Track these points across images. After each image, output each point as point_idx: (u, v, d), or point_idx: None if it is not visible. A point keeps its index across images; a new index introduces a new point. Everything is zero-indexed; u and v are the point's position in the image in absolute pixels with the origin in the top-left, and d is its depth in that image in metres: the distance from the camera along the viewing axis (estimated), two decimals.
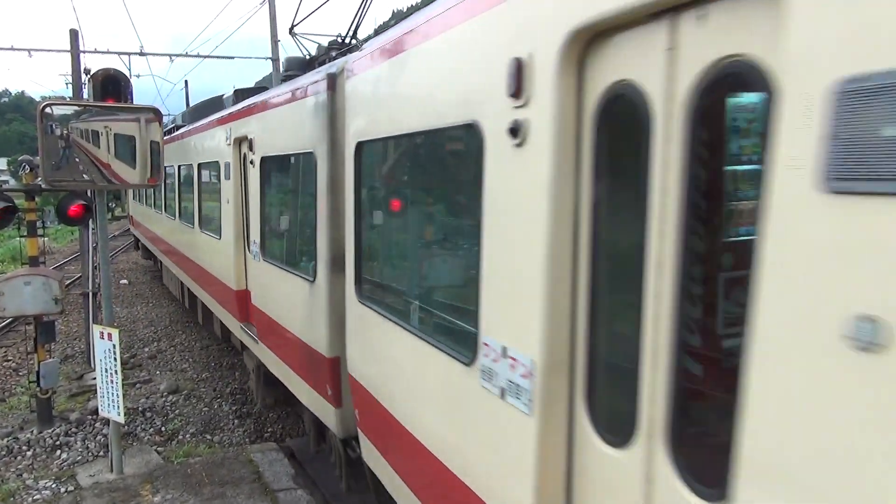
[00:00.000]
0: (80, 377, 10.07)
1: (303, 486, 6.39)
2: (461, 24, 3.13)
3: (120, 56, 23.06)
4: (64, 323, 13.55)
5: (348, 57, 5.03)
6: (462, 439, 3.18)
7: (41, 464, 7.08)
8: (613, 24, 2.20)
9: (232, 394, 9.42)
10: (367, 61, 4.36)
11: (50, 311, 7.49)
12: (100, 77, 6.35)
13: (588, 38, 2.34)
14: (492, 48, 2.83)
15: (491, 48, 2.84)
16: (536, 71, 2.52)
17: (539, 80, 2.50)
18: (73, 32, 12.80)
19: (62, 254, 26.77)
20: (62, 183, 6.27)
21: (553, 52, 2.41)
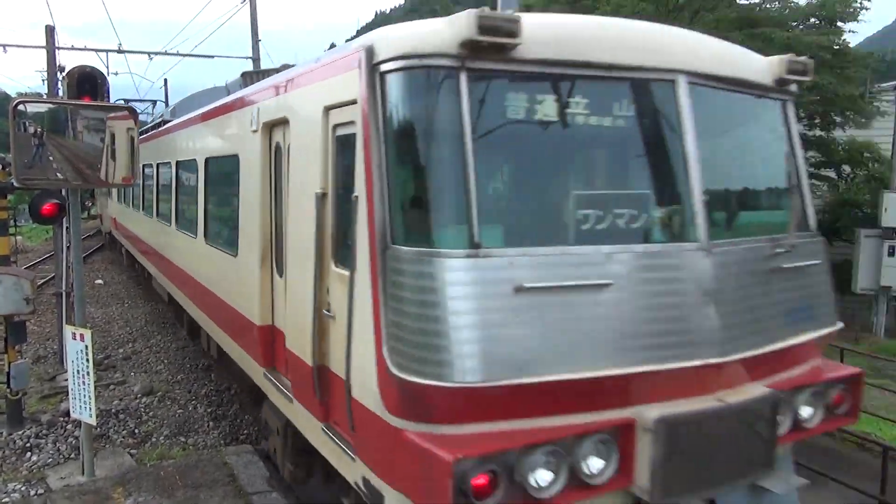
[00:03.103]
0: (52, 378, 9.92)
1: (278, 490, 6.34)
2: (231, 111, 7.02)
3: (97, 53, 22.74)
4: (36, 323, 13.33)
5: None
6: (234, 288, 6.68)
7: (10, 466, 6.97)
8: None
9: (207, 396, 9.34)
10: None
11: (21, 311, 7.38)
12: (76, 75, 6.28)
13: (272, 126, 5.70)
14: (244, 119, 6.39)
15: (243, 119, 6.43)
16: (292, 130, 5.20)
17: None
18: (49, 28, 12.65)
19: (36, 252, 26.34)
20: (35, 181, 6.17)
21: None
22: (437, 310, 3.30)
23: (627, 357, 3.50)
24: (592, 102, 3.80)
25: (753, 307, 4.01)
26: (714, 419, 3.65)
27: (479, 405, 3.35)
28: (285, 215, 5.24)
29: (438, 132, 3.60)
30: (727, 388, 3.80)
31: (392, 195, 3.59)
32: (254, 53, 22.58)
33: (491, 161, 3.77)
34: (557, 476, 3.34)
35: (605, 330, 3.50)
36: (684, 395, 3.66)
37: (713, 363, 3.65)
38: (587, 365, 3.42)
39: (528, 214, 3.90)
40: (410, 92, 3.67)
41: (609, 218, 3.75)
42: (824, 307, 4.59)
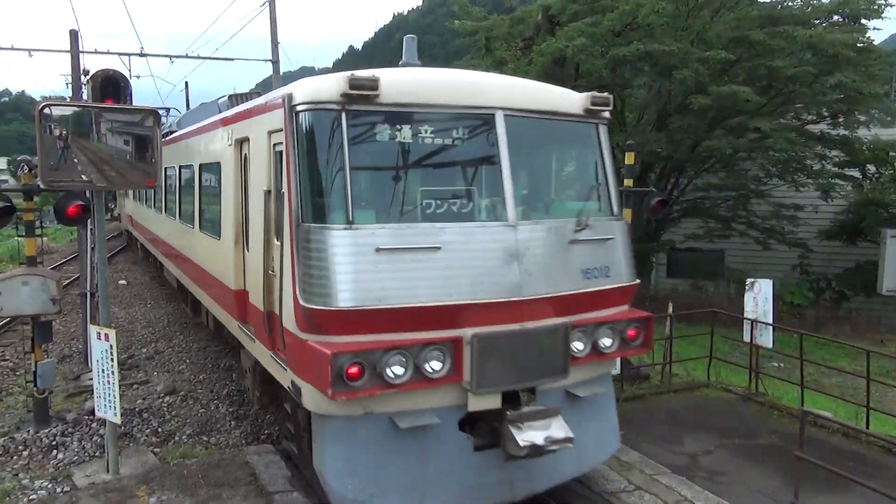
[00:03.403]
0: (77, 377, 10.06)
1: (299, 489, 6.37)
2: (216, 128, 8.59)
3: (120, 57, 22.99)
4: (62, 323, 13.54)
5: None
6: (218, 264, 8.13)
7: (37, 464, 7.08)
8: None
9: (229, 395, 9.42)
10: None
11: (47, 311, 7.49)
12: (99, 78, 6.36)
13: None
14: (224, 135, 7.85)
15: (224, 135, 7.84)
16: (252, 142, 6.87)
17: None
18: (73, 33, 12.82)
19: (61, 253, 26.73)
20: (60, 183, 6.25)
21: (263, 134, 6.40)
22: (326, 262, 5.09)
23: (455, 294, 5.26)
24: (435, 130, 5.67)
25: (550, 265, 5.71)
26: (514, 338, 5.40)
27: (352, 322, 5.07)
28: (248, 207, 7.10)
29: (328, 151, 5.38)
30: (530, 319, 5.48)
31: (302, 191, 5.37)
32: (273, 56, 22.74)
33: (366, 168, 5.69)
34: (406, 371, 5.12)
35: (438, 276, 5.26)
36: (497, 321, 5.35)
37: (513, 300, 5.40)
38: (426, 299, 5.17)
39: (389, 203, 5.62)
40: (312, 124, 5.45)
41: (446, 205, 5.62)
42: (619, 268, 6.25)
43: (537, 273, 5.59)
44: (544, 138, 6.54)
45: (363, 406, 5.27)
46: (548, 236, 5.79)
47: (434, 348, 5.21)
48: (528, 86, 6.51)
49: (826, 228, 19.32)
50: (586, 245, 6.00)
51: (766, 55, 15.86)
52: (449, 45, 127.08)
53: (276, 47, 22.63)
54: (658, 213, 9.84)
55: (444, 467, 5.46)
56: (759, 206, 19.27)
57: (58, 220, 7.87)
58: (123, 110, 6.37)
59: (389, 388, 5.10)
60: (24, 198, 8.08)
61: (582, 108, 6.36)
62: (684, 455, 7.61)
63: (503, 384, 5.50)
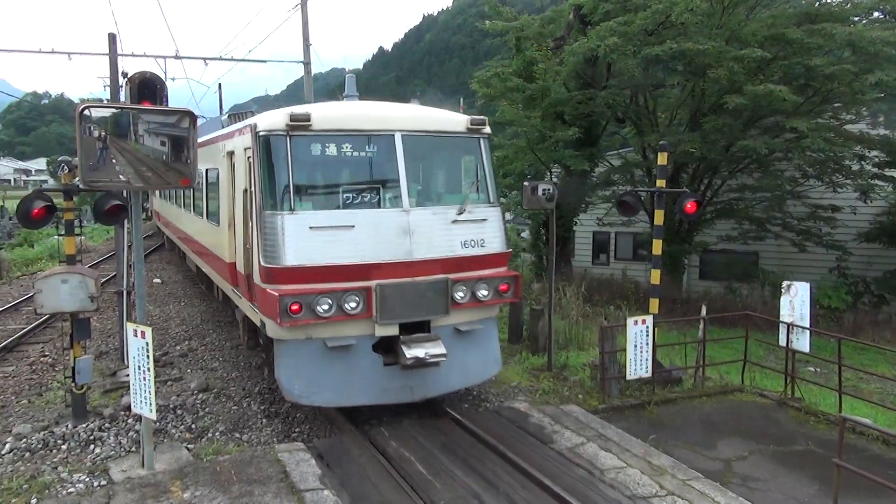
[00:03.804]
0: (113, 374, 10.25)
1: (329, 487, 6.42)
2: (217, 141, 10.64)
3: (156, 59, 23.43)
4: (98, 320, 13.82)
5: None
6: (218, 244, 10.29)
7: (75, 458, 7.22)
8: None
9: (260, 393, 9.52)
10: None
11: (86, 308, 7.64)
12: (136, 80, 6.48)
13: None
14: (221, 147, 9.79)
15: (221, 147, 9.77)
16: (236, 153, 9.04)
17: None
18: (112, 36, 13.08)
19: (98, 252, 27.33)
20: (99, 183, 6.39)
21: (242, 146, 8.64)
22: (277, 236, 7.46)
23: (364, 257, 7.58)
24: (354, 146, 8.02)
25: (435, 238, 8.00)
26: (406, 287, 7.74)
27: (294, 275, 7.40)
28: (235, 201, 9.22)
29: (279, 162, 7.71)
30: (420, 275, 7.82)
31: (263, 189, 7.72)
32: (305, 58, 22.96)
33: (302, 174, 7.85)
34: (332, 308, 7.42)
35: (352, 245, 7.59)
36: (395, 276, 7.69)
37: (405, 261, 7.73)
38: (344, 260, 7.51)
39: (320, 197, 8.10)
40: (268, 144, 7.82)
41: (360, 197, 7.99)
42: (493, 240, 8.48)
43: (425, 243, 7.94)
44: (435, 150, 8.94)
45: (304, 333, 7.61)
46: (433, 218, 8.15)
47: (351, 293, 7.55)
48: (421, 113, 8.94)
49: (865, 230, 18.86)
50: (465, 224, 8.31)
51: (804, 53, 15.53)
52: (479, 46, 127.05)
53: (307, 49, 22.85)
54: (691, 214, 9.68)
55: (362, 376, 7.79)
56: (796, 208, 18.88)
57: (96, 219, 8.04)
58: (160, 112, 6.49)
59: (320, 320, 7.46)
60: (64, 197, 8.27)
61: (465, 127, 8.67)
62: (718, 460, 7.49)
63: (399, 318, 7.79)
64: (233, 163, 9.32)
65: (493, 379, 9.51)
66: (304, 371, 7.68)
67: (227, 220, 9.71)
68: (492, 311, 8.76)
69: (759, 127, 17.28)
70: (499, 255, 8.58)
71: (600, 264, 25.25)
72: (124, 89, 7.04)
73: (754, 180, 18.47)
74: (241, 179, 8.71)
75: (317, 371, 7.69)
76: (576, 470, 6.96)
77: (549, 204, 10.26)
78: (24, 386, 10.02)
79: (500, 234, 8.63)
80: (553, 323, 10.73)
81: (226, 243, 9.79)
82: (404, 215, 7.89)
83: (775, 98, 14.59)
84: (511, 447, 7.32)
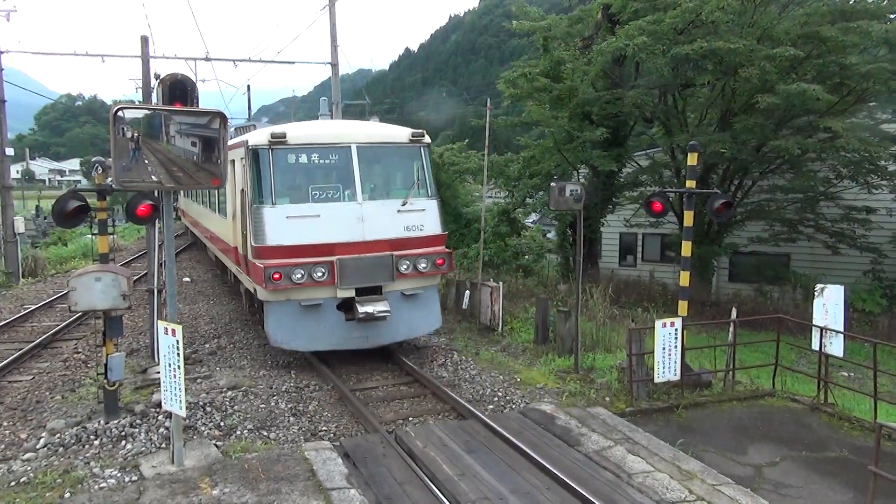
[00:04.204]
0: (144, 371, 10.42)
1: (355, 486, 6.44)
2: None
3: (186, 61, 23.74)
4: (129, 318, 14.05)
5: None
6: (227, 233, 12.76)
7: (107, 453, 7.34)
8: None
9: (287, 392, 9.59)
10: None
11: (118, 306, 7.76)
12: (168, 82, 6.56)
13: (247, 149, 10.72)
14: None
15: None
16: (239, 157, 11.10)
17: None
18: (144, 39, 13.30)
19: (129, 251, 27.79)
20: (132, 183, 6.49)
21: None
22: (262, 223, 9.86)
23: (328, 238, 9.98)
24: (320, 156, 10.41)
25: (383, 223, 10.33)
26: (360, 260, 10.10)
27: (275, 253, 9.81)
28: (236, 198, 11.54)
29: (263, 168, 10.09)
30: (371, 251, 10.18)
31: (252, 189, 10.09)
32: (332, 59, 23.10)
33: (281, 177, 10.20)
34: (304, 277, 9.81)
35: (319, 229, 9.97)
36: (352, 253, 10.06)
37: (359, 241, 10.10)
38: (312, 240, 9.92)
39: (295, 194, 10.34)
40: (256, 155, 10.21)
41: (325, 193, 10.35)
42: (431, 225, 10.83)
43: (375, 228, 10.33)
44: (384, 156, 11.29)
45: (284, 296, 10.08)
46: (382, 208, 10.55)
47: (318, 266, 9.99)
48: (373, 128, 11.81)
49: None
50: (408, 213, 10.68)
51: (838, 51, 15.22)
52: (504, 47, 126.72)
53: (335, 50, 23.00)
54: (722, 215, 9.52)
55: (328, 328, 10.32)
56: (829, 209, 18.51)
57: (128, 218, 8.19)
58: (191, 113, 6.57)
59: (295, 285, 9.92)
60: (97, 197, 8.42)
61: (408, 138, 11.13)
62: (748, 466, 7.37)
63: (355, 284, 10.24)
64: (234, 169, 11.39)
65: (516, 380, 9.76)
66: (285, 324, 10.20)
67: (232, 213, 12.11)
68: (432, 280, 11.12)
69: (791, 127, 16.97)
70: (436, 236, 10.99)
71: (627, 266, 25.02)
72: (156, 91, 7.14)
73: (786, 181, 18.15)
74: (240, 181, 11.07)
75: (294, 324, 10.20)
76: (603, 473, 6.90)
77: (576, 205, 10.18)
78: (57, 382, 10.22)
79: (437, 220, 11.01)
80: (580, 324, 10.65)
81: (231, 231, 12.36)
82: (358, 207, 10.35)
83: (808, 97, 14.32)
84: (537, 449, 7.27)
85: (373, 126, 12.18)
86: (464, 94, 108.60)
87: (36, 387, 10.00)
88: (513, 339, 12.67)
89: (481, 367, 10.83)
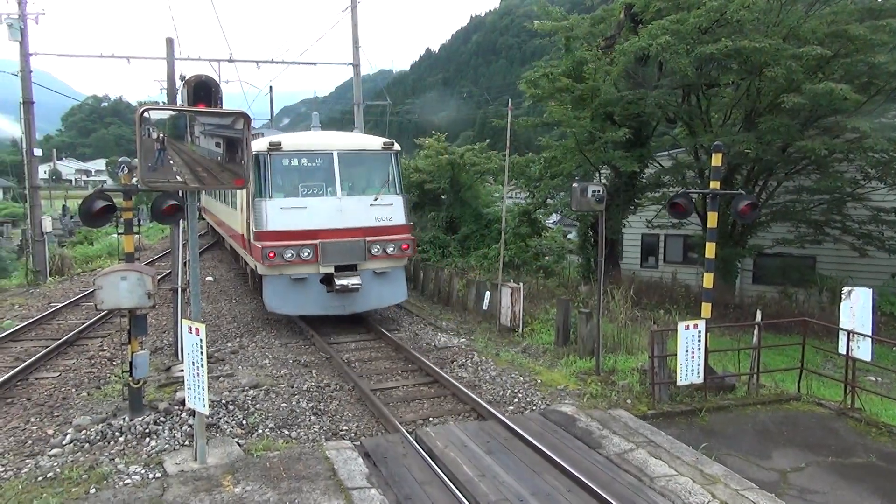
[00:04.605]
0: (167, 369, 10.54)
1: (376, 486, 6.46)
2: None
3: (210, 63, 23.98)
4: (153, 316, 14.24)
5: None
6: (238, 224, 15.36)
7: (131, 450, 7.43)
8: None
9: (308, 391, 9.64)
10: None
11: (143, 305, 7.85)
12: (192, 83, 6.63)
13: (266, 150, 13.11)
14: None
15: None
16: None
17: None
18: (169, 41, 13.44)
19: (153, 250, 28.15)
20: (157, 183, 6.57)
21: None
22: (261, 213, 12.55)
23: (313, 225, 12.58)
24: (308, 160, 13.33)
25: (358, 214, 12.96)
26: (338, 244, 12.68)
27: (271, 236, 12.43)
28: (244, 194, 13.79)
29: (262, 169, 12.71)
30: (348, 237, 12.79)
31: (255, 186, 12.68)
32: (354, 60, 23.21)
33: (276, 177, 12.93)
34: (294, 256, 12.34)
35: (306, 218, 12.59)
36: (332, 237, 12.63)
37: (338, 228, 12.71)
38: (300, 227, 12.51)
39: (288, 190, 12.91)
40: (257, 159, 12.65)
41: (311, 190, 13.00)
42: (397, 217, 13.33)
43: (351, 217, 12.87)
44: (360, 161, 13.76)
45: (278, 271, 12.47)
46: (357, 203, 13.07)
47: (305, 247, 12.36)
48: (352, 138, 14.99)
49: None
50: (379, 206, 13.19)
51: (867, 50, 14.95)
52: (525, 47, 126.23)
53: (357, 51, 23.10)
54: (747, 216, 9.40)
55: (312, 297, 12.70)
56: (856, 210, 18.19)
57: (153, 218, 8.27)
58: (215, 114, 6.64)
59: (287, 262, 12.28)
60: (123, 197, 8.53)
61: (380, 146, 13.78)
62: (773, 471, 7.26)
63: (334, 262, 12.66)
64: None
65: (536, 382, 9.52)
66: (278, 294, 12.69)
67: (240, 206, 14.84)
68: (399, 261, 13.59)
69: (817, 127, 16.71)
70: (402, 226, 13.50)
71: (649, 267, 24.81)
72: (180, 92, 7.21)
73: (812, 182, 17.86)
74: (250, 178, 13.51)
75: (285, 294, 12.67)
76: (624, 476, 6.85)
77: (598, 206, 10.12)
78: (83, 379, 10.37)
79: (402, 213, 13.55)
80: (601, 326, 10.58)
81: (239, 221, 15.06)
82: (338, 201, 12.94)
83: (836, 97, 14.08)
84: (558, 451, 7.24)
85: (352, 136, 15.66)
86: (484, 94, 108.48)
87: (62, 383, 10.16)
88: (533, 341, 12.63)
89: (501, 368, 10.81)
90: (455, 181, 25.26)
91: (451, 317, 15.41)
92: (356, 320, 13.86)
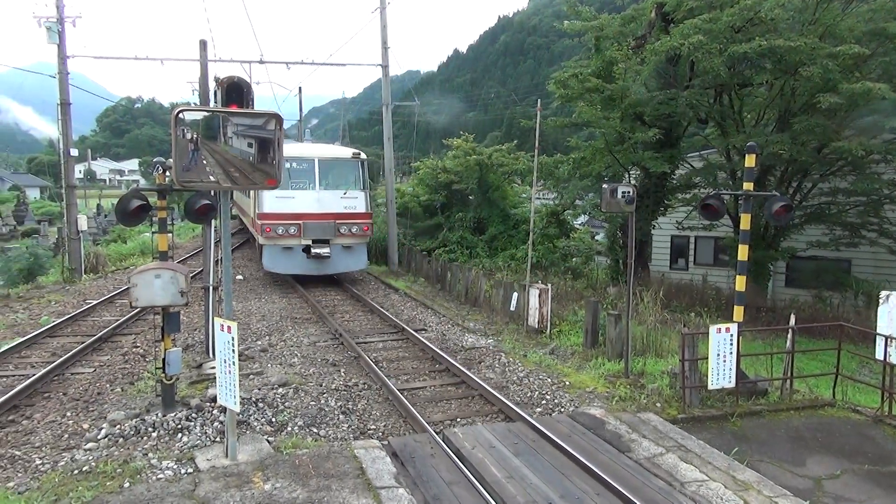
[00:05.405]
0: (199, 366, 10.69)
1: (404, 486, 6.47)
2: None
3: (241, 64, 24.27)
4: (185, 314, 14.45)
5: None
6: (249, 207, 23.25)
7: (164, 445, 7.56)
8: None
9: (337, 390, 9.71)
10: None
11: (177, 303, 7.97)
12: (224, 84, 6.73)
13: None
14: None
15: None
16: None
17: None
18: (203, 43, 13.62)
19: (185, 249, 28.58)
20: (191, 183, 6.66)
21: None
22: (262, 201, 18.60)
23: (299, 210, 18.48)
24: (297, 163, 19.02)
25: (331, 204, 18.81)
26: (316, 224, 18.57)
27: (269, 217, 18.35)
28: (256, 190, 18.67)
29: None
30: (323, 220, 18.63)
31: None
32: (383, 61, 23.30)
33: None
34: (284, 231, 18.34)
35: (293, 205, 18.48)
36: (312, 219, 18.54)
37: (316, 212, 18.59)
38: (290, 211, 18.42)
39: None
40: None
41: (298, 185, 18.91)
42: (360, 206, 19.17)
43: (326, 205, 18.56)
44: (335, 166, 19.59)
45: (273, 242, 18.16)
46: (331, 195, 18.74)
47: (292, 225, 18.15)
48: (330, 149, 22.13)
49: None
50: (347, 199, 18.86)
51: None
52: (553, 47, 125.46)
53: (385, 52, 23.19)
54: (781, 218, 9.22)
55: (296, 261, 18.50)
56: (893, 213, 17.77)
57: (187, 217, 8.39)
58: (247, 115, 6.72)
59: (279, 236, 18.12)
60: (158, 197, 8.68)
61: (350, 155, 19.94)
62: (807, 478, 7.12)
63: (312, 237, 18.36)
64: None
65: (565, 384, 9.49)
66: (273, 258, 18.29)
67: (252, 197, 20.38)
68: (362, 239, 19.09)
69: (854, 127, 16.35)
70: (364, 213, 19.01)
71: (678, 269, 24.52)
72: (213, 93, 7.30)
73: (848, 183, 17.49)
74: None
75: (277, 258, 18.26)
76: (654, 481, 6.77)
77: (628, 207, 10.03)
78: (117, 375, 10.57)
79: (365, 204, 19.07)
80: (630, 328, 10.48)
81: (251, 207, 20.48)
82: (317, 193, 18.53)
83: (874, 97, 13.78)
84: (586, 454, 7.19)
85: (330, 147, 23.01)
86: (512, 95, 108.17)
87: (97, 379, 10.37)
88: (561, 342, 12.55)
89: (529, 370, 10.77)
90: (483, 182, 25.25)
91: (479, 317, 15.40)
92: (389, 323, 13.85)
